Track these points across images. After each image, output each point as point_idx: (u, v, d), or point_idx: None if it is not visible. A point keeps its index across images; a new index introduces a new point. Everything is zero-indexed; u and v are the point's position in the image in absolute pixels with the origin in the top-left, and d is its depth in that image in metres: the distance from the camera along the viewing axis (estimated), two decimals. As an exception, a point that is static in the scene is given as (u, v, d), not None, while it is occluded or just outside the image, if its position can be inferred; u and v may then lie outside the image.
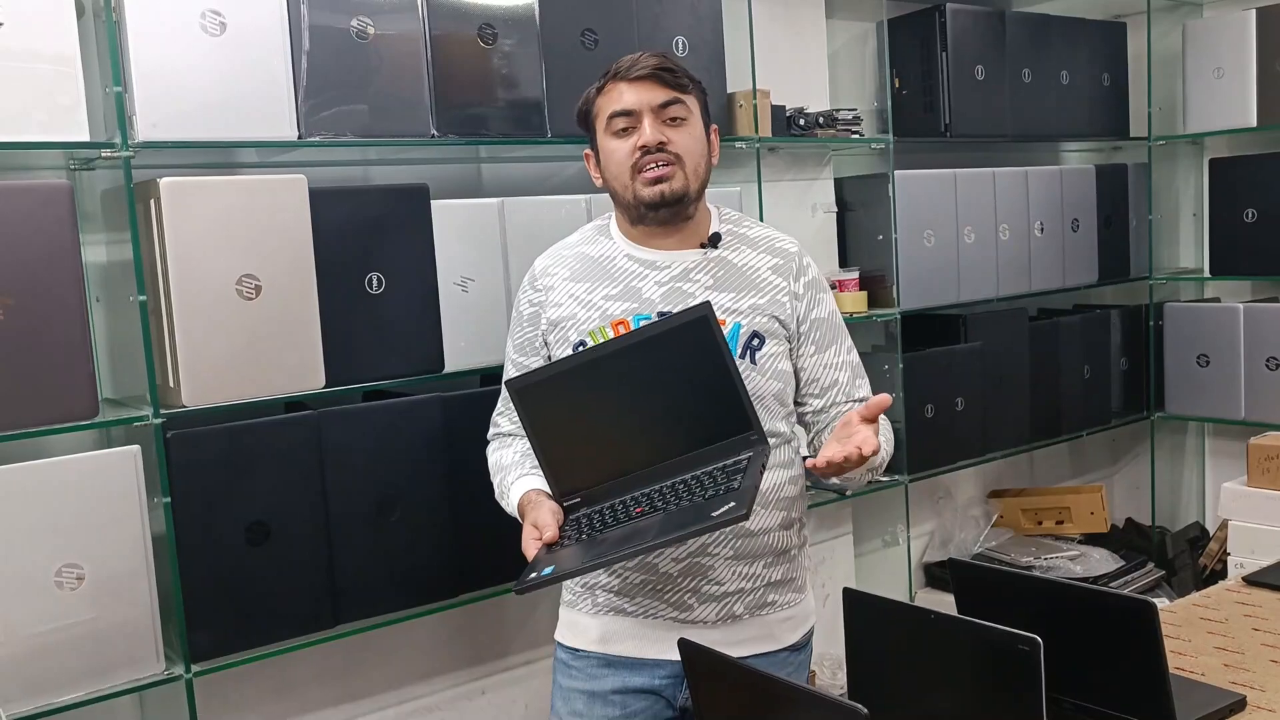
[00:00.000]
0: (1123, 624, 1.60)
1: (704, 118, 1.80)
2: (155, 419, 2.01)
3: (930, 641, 1.58)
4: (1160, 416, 4.01)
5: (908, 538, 3.52)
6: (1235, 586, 2.23)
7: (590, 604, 1.82)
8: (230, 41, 2.05)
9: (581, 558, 1.55)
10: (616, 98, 1.73)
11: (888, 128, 3.26)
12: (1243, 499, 3.27)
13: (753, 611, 1.79)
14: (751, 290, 1.78)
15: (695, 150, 1.75)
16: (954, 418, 3.37)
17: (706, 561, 1.74)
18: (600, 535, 1.58)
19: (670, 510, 1.57)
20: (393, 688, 2.54)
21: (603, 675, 1.80)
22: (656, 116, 1.72)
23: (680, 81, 1.74)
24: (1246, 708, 1.68)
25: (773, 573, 1.80)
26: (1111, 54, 3.84)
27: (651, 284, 1.77)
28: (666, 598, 1.76)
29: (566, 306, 1.79)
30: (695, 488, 1.59)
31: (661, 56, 1.75)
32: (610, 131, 1.75)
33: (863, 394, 1.86)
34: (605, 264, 1.80)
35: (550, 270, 1.84)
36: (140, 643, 1.99)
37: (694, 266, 1.78)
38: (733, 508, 1.46)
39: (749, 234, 1.84)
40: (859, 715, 1.20)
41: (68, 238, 1.89)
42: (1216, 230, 3.79)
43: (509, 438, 1.87)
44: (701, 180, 1.77)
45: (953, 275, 3.36)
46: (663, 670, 1.78)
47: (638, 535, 1.53)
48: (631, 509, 1.61)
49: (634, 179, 1.73)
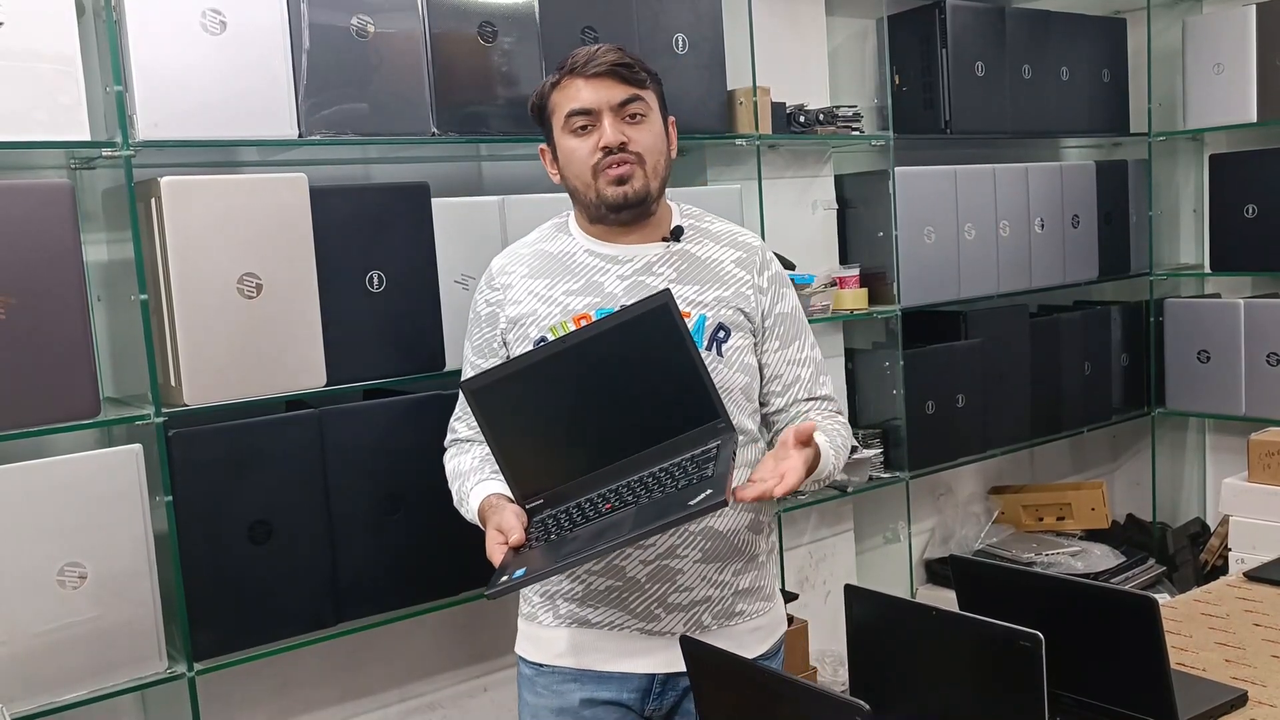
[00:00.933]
0: (1124, 620, 1.61)
1: (662, 110, 1.77)
2: (157, 418, 2.01)
3: (932, 638, 1.58)
4: (1161, 412, 4.01)
5: (909, 534, 3.52)
6: (1236, 582, 2.23)
7: (552, 615, 1.77)
8: (230, 40, 2.05)
9: (553, 557, 1.50)
10: (574, 95, 1.69)
11: (888, 124, 3.26)
12: (1244, 494, 3.27)
13: (721, 622, 1.74)
14: (715, 283, 1.75)
15: (656, 147, 1.72)
16: (955, 414, 3.37)
17: (675, 564, 1.70)
18: (570, 534, 1.53)
19: (643, 503, 1.53)
20: (395, 685, 2.54)
21: (569, 690, 1.75)
22: (616, 115, 1.69)
23: (638, 76, 1.70)
24: (1248, 703, 1.68)
25: (741, 580, 1.76)
26: (1112, 50, 3.84)
27: (614, 278, 1.73)
28: (633, 607, 1.71)
29: (526, 303, 1.75)
30: (666, 480, 1.55)
31: (619, 50, 1.71)
32: (568, 130, 1.71)
33: (825, 390, 1.83)
34: (565, 260, 1.77)
35: (508, 269, 1.80)
36: (143, 641, 1.99)
37: (657, 260, 1.75)
38: (710, 495, 1.43)
39: (710, 228, 1.82)
40: (861, 711, 1.20)
41: (69, 237, 1.89)
42: (1217, 226, 3.79)
43: (467, 443, 1.82)
44: (662, 178, 1.75)
45: (953, 272, 3.36)
46: (630, 684, 1.73)
47: (611, 530, 1.49)
48: (600, 506, 1.57)
49: (596, 179, 1.70)
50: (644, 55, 2.58)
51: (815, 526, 3.26)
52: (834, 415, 1.82)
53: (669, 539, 1.68)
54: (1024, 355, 3.57)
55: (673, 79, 2.65)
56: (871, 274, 3.24)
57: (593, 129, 1.70)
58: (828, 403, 1.83)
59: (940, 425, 3.33)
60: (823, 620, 3.09)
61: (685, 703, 1.75)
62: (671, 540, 1.69)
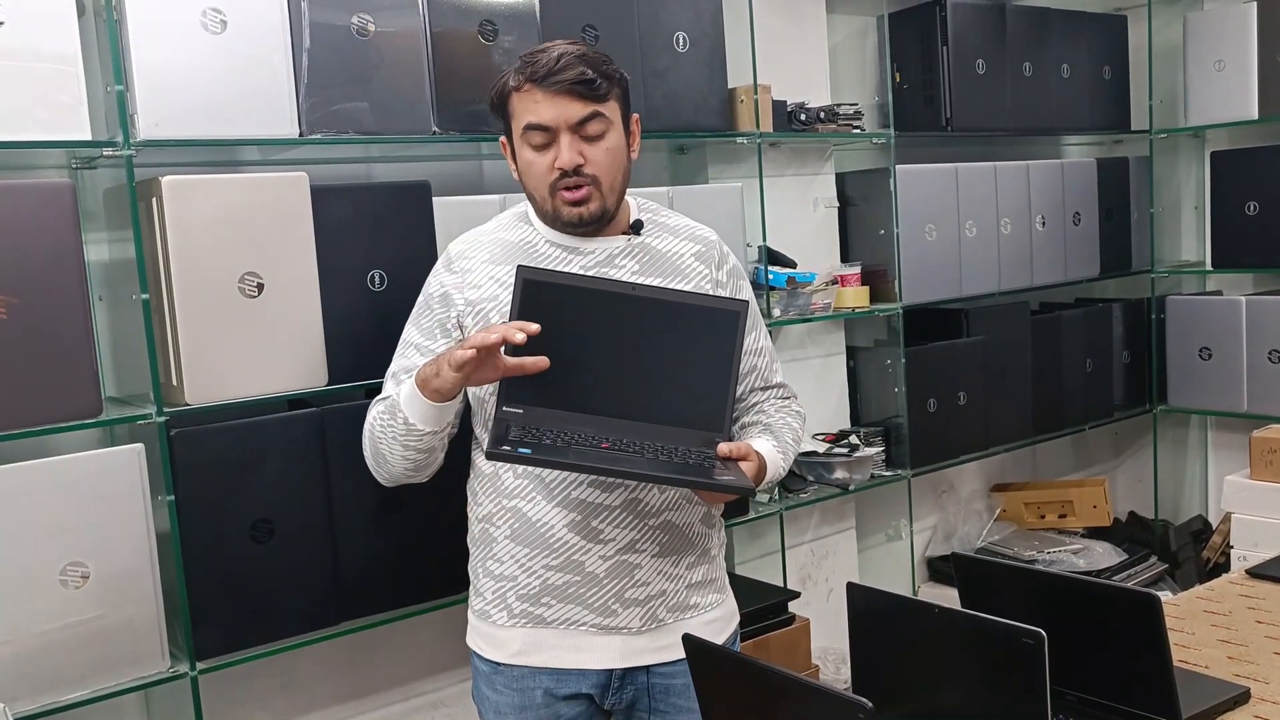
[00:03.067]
0: (1126, 617, 1.61)
1: (624, 111, 1.74)
2: (159, 417, 2.01)
3: (934, 636, 1.58)
4: (1163, 410, 4.01)
5: (911, 532, 3.52)
6: (1238, 579, 2.23)
7: (505, 615, 1.76)
8: (231, 39, 2.05)
9: (565, 453, 1.48)
10: (532, 107, 1.66)
11: (889, 122, 3.26)
12: (1245, 492, 3.27)
13: (677, 615, 1.76)
14: (677, 275, 1.76)
15: (613, 165, 1.70)
16: (956, 412, 3.37)
17: (634, 559, 1.71)
18: (571, 447, 1.52)
19: (650, 457, 1.55)
20: (398, 684, 2.54)
21: (530, 687, 1.75)
22: (574, 134, 1.66)
23: (599, 92, 1.66)
24: (1250, 700, 1.68)
25: (694, 573, 1.78)
26: (1112, 47, 3.84)
27: (576, 269, 1.73)
28: (589, 602, 1.72)
29: (486, 288, 1.73)
30: (662, 454, 1.57)
31: (580, 61, 1.65)
32: (527, 142, 1.69)
33: (778, 379, 1.88)
34: (526, 249, 1.76)
35: (467, 254, 1.78)
36: (145, 640, 1.99)
37: (619, 252, 1.75)
38: (739, 478, 1.48)
39: (668, 222, 1.83)
40: (864, 709, 1.20)
41: (70, 236, 1.89)
42: (1218, 223, 3.79)
43: None
44: (619, 193, 1.73)
45: (954, 269, 3.36)
46: (589, 680, 1.74)
47: (625, 460, 1.51)
48: (597, 441, 1.57)
49: (552, 196, 1.69)
50: (645, 53, 2.61)
51: (817, 524, 3.26)
52: (787, 403, 1.89)
53: (630, 533, 1.71)
54: (1025, 353, 3.57)
55: (673, 77, 2.66)
56: (873, 272, 3.24)
57: (550, 146, 1.68)
58: (782, 389, 1.90)
59: (942, 423, 3.33)
60: (825, 618, 3.09)
61: (645, 698, 1.77)
62: (632, 535, 1.71)
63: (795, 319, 3.01)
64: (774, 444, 1.75)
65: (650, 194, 2.65)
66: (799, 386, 3.17)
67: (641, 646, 1.74)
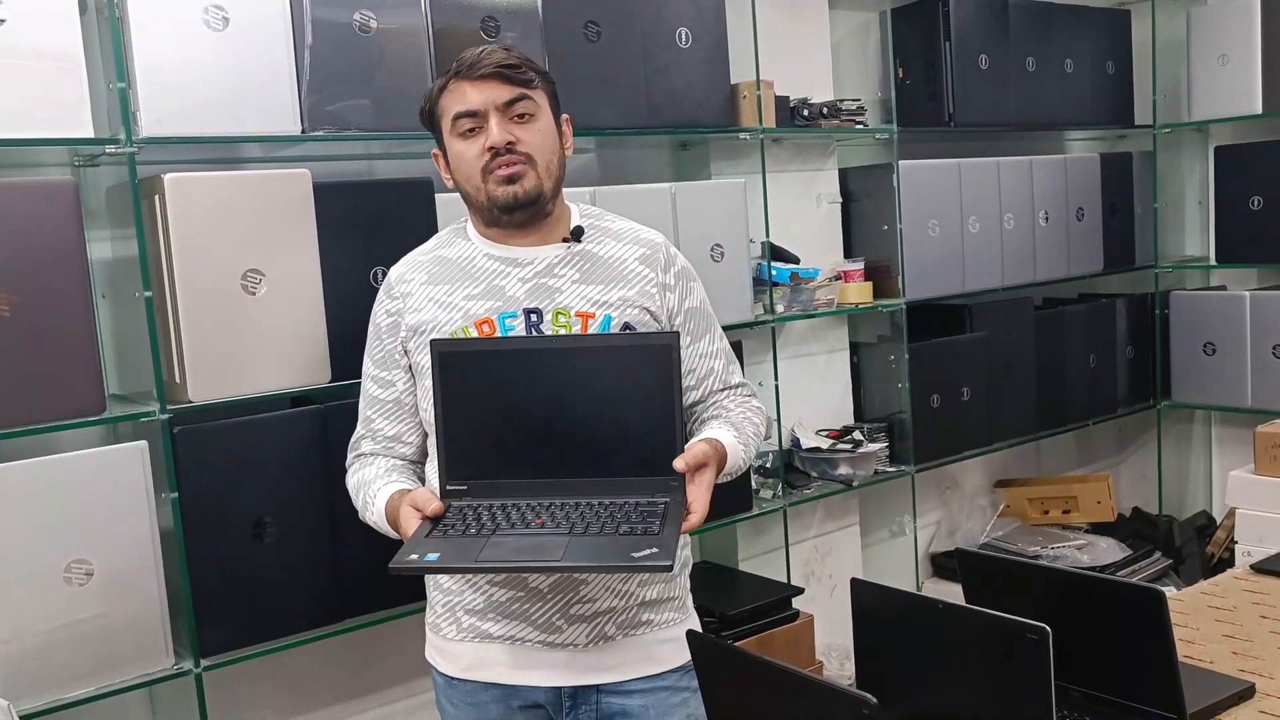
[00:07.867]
0: (1131, 613, 1.60)
1: (554, 109, 1.73)
2: (162, 415, 2.02)
3: (938, 631, 1.58)
4: (1167, 405, 4.01)
5: (914, 528, 3.52)
6: (1243, 574, 2.23)
7: (454, 629, 1.72)
8: (233, 36, 2.04)
9: (470, 554, 1.44)
10: (460, 97, 1.65)
11: (892, 118, 3.25)
12: (1250, 487, 3.26)
13: (626, 632, 1.69)
14: (619, 282, 1.71)
15: (546, 147, 1.69)
16: (960, 408, 3.37)
17: (580, 575, 1.65)
18: (493, 535, 1.48)
19: (578, 535, 1.47)
20: (401, 681, 2.55)
21: (484, 701, 1.71)
22: (503, 115, 1.65)
23: (525, 76, 1.66)
24: (1255, 695, 1.68)
25: (647, 591, 1.70)
26: (1116, 41, 3.84)
27: (515, 281, 1.70)
28: (533, 618, 1.66)
29: (426, 310, 1.70)
30: (604, 516, 1.49)
31: (505, 51, 1.67)
32: (456, 133, 1.68)
33: (737, 380, 1.82)
34: (464, 265, 1.72)
35: (406, 277, 1.76)
36: (149, 638, 1.99)
37: (558, 261, 1.71)
38: (656, 554, 1.39)
39: (612, 227, 1.78)
40: (868, 705, 1.20)
41: (73, 234, 1.89)
42: (1222, 218, 3.78)
43: (371, 457, 1.77)
44: (556, 177, 1.71)
45: (957, 265, 3.36)
46: (538, 695, 1.69)
47: (542, 551, 1.44)
48: (529, 518, 1.51)
49: (485, 180, 1.67)
50: (647, 49, 2.61)
51: (821, 520, 3.26)
52: (748, 400, 1.83)
53: None
54: (1029, 348, 3.57)
55: (676, 73, 2.66)
56: (876, 267, 3.24)
57: (480, 131, 1.66)
58: (742, 388, 1.84)
59: (945, 418, 3.32)
60: (829, 614, 3.08)
61: None
62: None
63: (799, 315, 3.01)
64: (735, 435, 1.69)
65: (653, 191, 2.68)
66: (802, 382, 3.19)
67: (590, 664, 1.68)
